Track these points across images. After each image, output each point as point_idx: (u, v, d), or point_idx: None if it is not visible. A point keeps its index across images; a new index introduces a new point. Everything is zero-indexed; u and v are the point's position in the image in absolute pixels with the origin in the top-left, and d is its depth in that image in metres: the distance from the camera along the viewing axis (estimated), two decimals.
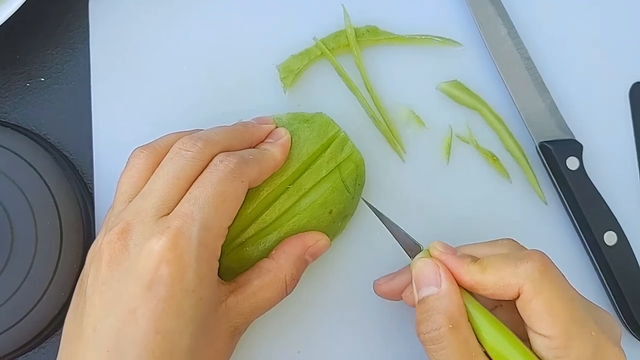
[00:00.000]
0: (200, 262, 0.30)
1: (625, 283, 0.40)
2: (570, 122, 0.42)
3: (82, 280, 0.33)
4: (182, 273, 0.30)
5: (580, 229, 0.41)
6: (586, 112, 0.43)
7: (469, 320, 0.31)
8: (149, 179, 0.33)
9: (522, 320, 0.31)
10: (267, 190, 0.35)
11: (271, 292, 0.34)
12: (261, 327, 0.38)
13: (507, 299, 0.31)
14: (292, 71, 0.41)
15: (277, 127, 0.37)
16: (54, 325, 0.38)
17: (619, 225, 0.40)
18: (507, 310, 0.33)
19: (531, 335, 0.31)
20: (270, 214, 0.35)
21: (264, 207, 0.35)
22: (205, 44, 0.42)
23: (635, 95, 0.43)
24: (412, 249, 0.34)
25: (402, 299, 0.35)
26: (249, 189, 0.34)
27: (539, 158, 0.42)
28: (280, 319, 0.39)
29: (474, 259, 0.32)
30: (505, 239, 0.34)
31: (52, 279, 0.37)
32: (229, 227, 0.32)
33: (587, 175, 0.41)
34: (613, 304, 0.41)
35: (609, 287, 0.41)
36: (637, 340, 0.41)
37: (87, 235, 0.39)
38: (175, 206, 0.32)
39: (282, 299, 0.35)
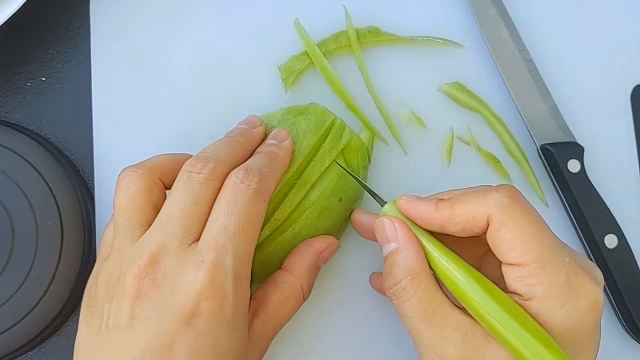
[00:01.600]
0: (237, 294, 0.30)
1: (625, 286, 0.40)
2: (572, 125, 0.42)
3: (93, 309, 0.31)
4: (220, 306, 0.29)
5: (581, 231, 0.41)
6: (588, 114, 0.43)
7: (431, 270, 0.31)
8: (150, 200, 0.32)
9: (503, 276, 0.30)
10: (275, 190, 0.35)
11: (291, 304, 0.34)
12: None
13: (477, 232, 0.31)
14: (294, 72, 0.41)
15: (268, 126, 0.37)
16: (55, 325, 0.38)
17: (620, 228, 0.40)
18: (488, 269, 0.33)
19: (504, 270, 0.30)
20: (282, 212, 0.35)
21: (274, 206, 0.35)
22: (206, 44, 0.41)
23: (636, 98, 0.43)
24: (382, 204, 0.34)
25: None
26: None
27: (540, 160, 0.42)
28: None
29: (442, 199, 0.32)
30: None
31: (52, 278, 0.37)
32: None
33: (588, 178, 0.41)
34: (613, 307, 0.41)
35: (609, 289, 0.41)
36: (637, 343, 0.41)
37: (88, 235, 0.39)
38: (199, 231, 0.31)
39: (300, 307, 0.35)
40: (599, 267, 0.40)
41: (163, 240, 0.30)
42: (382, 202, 0.34)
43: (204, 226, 0.31)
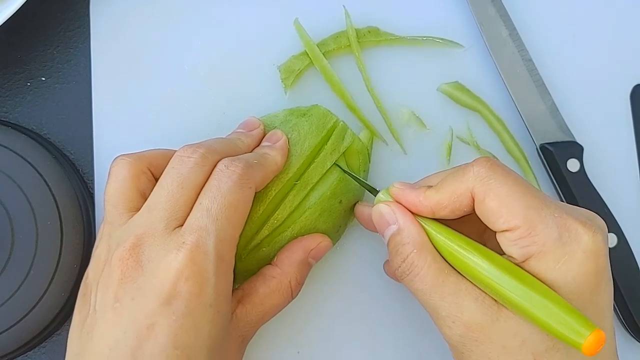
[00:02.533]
0: (218, 276, 0.30)
1: (624, 285, 0.40)
2: (571, 124, 0.42)
3: (85, 296, 0.32)
4: (201, 288, 0.29)
5: None
6: (587, 114, 0.43)
7: (434, 246, 0.32)
8: (137, 187, 0.33)
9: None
10: (275, 190, 0.35)
11: (277, 298, 0.34)
12: (261, 327, 0.38)
13: (466, 210, 0.31)
14: (293, 72, 0.41)
15: (270, 127, 0.37)
16: (54, 325, 0.38)
17: (619, 227, 0.40)
18: (494, 242, 0.33)
19: (499, 239, 0.31)
20: (282, 213, 0.35)
21: (274, 206, 0.35)
22: (205, 44, 0.42)
23: (636, 97, 0.43)
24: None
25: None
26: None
27: (539, 160, 0.42)
28: (280, 319, 0.39)
29: (430, 186, 0.32)
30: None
31: (52, 278, 0.37)
32: (240, 235, 0.32)
33: (587, 177, 0.41)
34: (613, 306, 0.41)
35: None
36: (637, 342, 0.41)
37: (88, 235, 0.39)
38: (184, 216, 0.31)
39: (288, 303, 0.35)
40: None
41: (149, 224, 0.31)
42: (376, 192, 0.35)
43: (190, 210, 0.31)
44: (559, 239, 0.29)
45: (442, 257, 0.32)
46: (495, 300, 0.30)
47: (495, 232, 0.31)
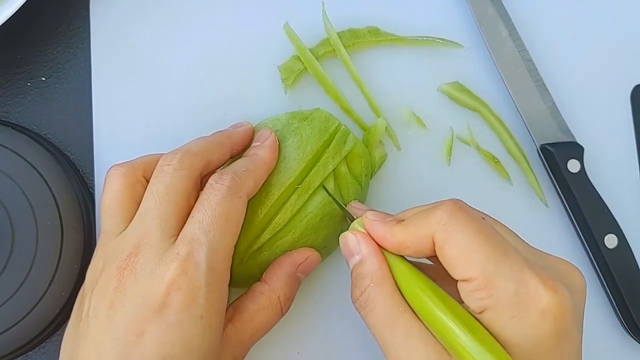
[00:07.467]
0: (210, 287, 0.30)
1: (625, 286, 0.40)
2: (572, 125, 0.42)
3: (82, 300, 0.32)
4: (192, 299, 0.30)
5: (581, 231, 0.41)
6: (588, 114, 0.43)
7: (395, 282, 0.31)
8: (133, 196, 0.33)
9: None
10: (276, 194, 0.35)
11: (267, 314, 0.34)
12: None
13: (428, 253, 0.30)
14: (294, 72, 0.41)
15: (252, 127, 0.37)
16: (54, 325, 0.38)
17: (620, 228, 0.40)
18: None
19: (458, 287, 0.29)
20: (283, 216, 0.35)
21: (275, 210, 0.35)
22: (205, 44, 0.42)
23: (636, 97, 0.43)
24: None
25: None
26: (258, 194, 0.34)
27: (540, 160, 0.42)
28: (280, 320, 0.39)
29: (400, 221, 0.31)
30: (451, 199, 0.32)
31: (52, 279, 0.37)
32: (235, 245, 0.32)
33: (588, 177, 0.41)
34: (613, 307, 0.41)
35: (609, 289, 0.41)
36: (637, 342, 0.41)
37: (88, 236, 0.39)
38: (178, 224, 0.32)
39: (278, 319, 0.35)
40: (599, 268, 0.41)
41: (143, 232, 0.31)
42: (352, 219, 0.34)
43: (184, 221, 0.32)
44: (516, 295, 0.28)
45: (402, 294, 0.30)
46: (445, 349, 0.29)
47: (454, 278, 0.30)
